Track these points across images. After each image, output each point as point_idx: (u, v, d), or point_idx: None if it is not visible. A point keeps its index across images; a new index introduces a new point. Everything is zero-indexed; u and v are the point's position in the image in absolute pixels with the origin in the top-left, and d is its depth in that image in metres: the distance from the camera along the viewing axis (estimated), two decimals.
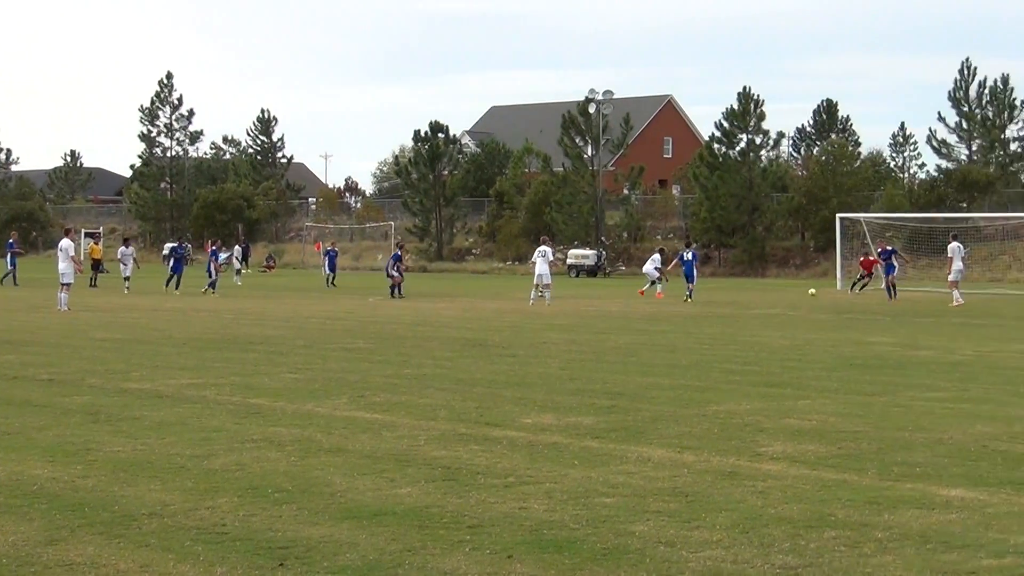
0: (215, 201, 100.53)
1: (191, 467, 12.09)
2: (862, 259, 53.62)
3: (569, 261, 77.40)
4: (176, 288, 49.34)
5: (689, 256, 47.38)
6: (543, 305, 41.11)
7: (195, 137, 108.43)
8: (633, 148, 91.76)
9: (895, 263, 48.84)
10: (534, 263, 43.50)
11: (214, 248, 52.81)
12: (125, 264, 52.71)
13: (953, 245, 45.54)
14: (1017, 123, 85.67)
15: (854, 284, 53.34)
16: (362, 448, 13.18)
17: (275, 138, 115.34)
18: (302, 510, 10.24)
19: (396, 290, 48.02)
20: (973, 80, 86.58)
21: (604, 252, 79.48)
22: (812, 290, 51.32)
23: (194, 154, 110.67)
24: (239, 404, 16.59)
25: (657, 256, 50.79)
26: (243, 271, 65.44)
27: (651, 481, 11.47)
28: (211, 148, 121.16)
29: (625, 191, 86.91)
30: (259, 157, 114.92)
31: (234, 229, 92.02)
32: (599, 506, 10.42)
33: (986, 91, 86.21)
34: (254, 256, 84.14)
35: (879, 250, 51.11)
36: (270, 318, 34.83)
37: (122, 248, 55.40)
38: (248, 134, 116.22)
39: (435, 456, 12.69)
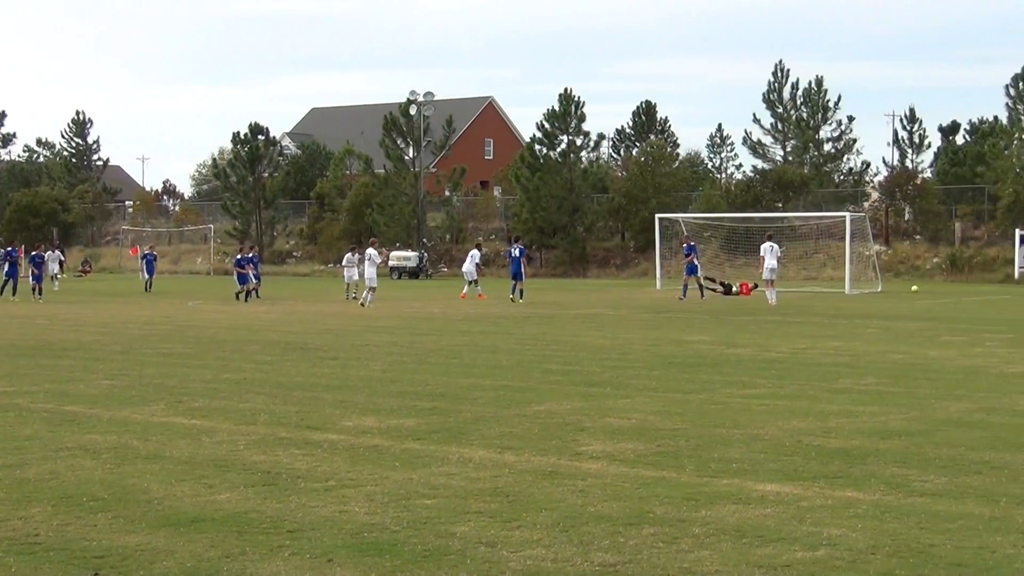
0: (28, 205, 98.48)
1: (3, 477, 11.81)
2: (744, 285, 52.42)
3: (391, 263, 77.21)
4: (13, 294, 48.56)
5: (516, 252, 47.20)
6: (356, 306, 41.06)
7: (7, 140, 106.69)
8: (455, 150, 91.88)
9: (696, 262, 48.91)
10: (360, 264, 43.47)
11: (38, 253, 51.84)
12: None
13: (766, 244, 46.26)
14: (830, 124, 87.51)
15: (730, 288, 52.08)
16: (180, 454, 12.99)
17: (90, 140, 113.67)
18: (118, 518, 10.06)
19: (253, 293, 47.71)
20: (787, 82, 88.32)
21: (426, 254, 79.49)
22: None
23: (6, 157, 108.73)
24: (53, 412, 16.25)
25: (476, 252, 50.38)
26: (59, 276, 64.27)
27: (472, 482, 11.49)
28: (24, 151, 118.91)
29: (447, 193, 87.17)
30: (74, 160, 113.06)
31: (48, 233, 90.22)
32: (420, 508, 10.41)
33: (799, 93, 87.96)
34: (70, 260, 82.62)
35: (683, 245, 51.43)
36: (86, 324, 34.21)
37: None
38: (63, 136, 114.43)
39: (255, 461, 12.57)
